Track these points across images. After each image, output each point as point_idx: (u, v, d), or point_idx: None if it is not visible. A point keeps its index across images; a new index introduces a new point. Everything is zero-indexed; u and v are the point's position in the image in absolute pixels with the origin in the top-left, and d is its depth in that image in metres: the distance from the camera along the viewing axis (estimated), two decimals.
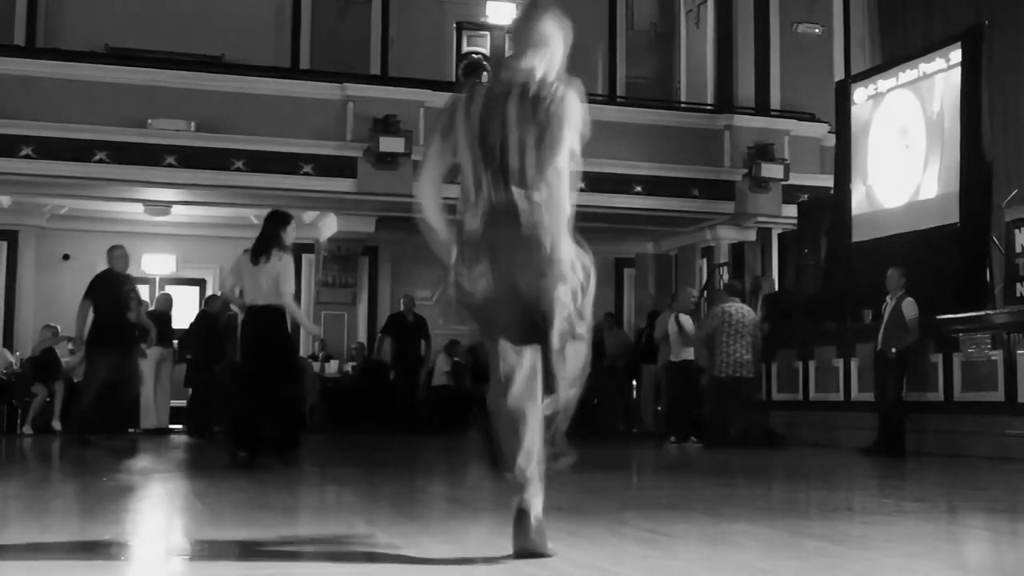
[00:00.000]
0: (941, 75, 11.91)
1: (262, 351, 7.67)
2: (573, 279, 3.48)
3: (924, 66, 12.24)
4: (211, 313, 13.27)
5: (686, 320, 11.60)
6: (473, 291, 3.51)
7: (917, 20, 15.50)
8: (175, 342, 13.40)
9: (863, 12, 16.44)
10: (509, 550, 3.36)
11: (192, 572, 3.28)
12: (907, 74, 12.53)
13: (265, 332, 7.66)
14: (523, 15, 3.71)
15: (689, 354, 11.58)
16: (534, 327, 3.47)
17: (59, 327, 13.66)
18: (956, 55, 11.65)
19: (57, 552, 3.59)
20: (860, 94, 13.30)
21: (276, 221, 7.87)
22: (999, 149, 12.73)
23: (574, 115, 3.49)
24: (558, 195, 3.43)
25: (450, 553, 3.58)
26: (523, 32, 3.63)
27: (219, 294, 13.96)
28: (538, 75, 3.54)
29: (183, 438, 12.17)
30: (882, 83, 12.96)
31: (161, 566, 3.49)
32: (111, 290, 10.11)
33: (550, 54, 3.59)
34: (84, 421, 10.15)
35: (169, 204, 14.64)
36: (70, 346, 13.72)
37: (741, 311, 11.35)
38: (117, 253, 10.51)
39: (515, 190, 3.45)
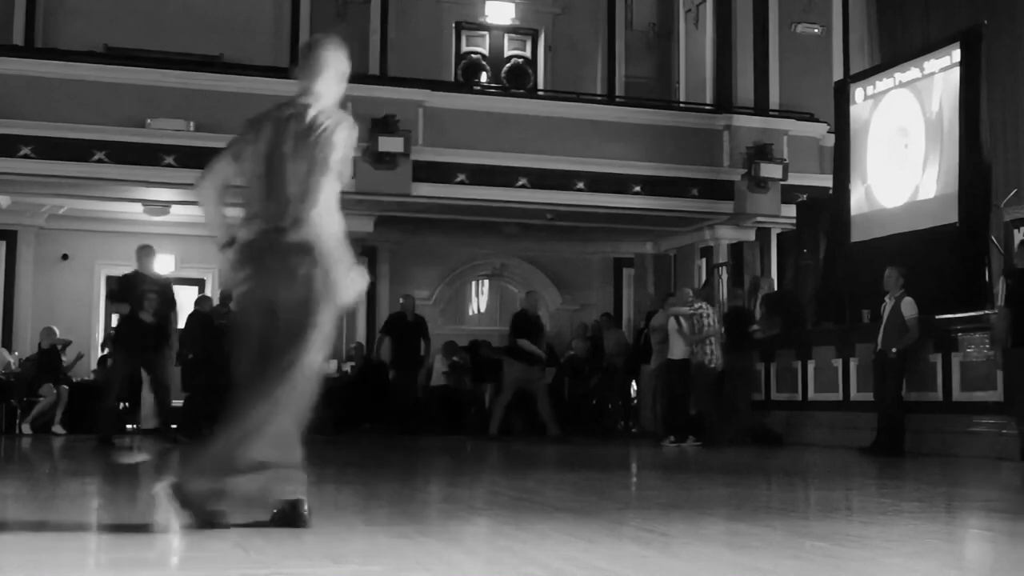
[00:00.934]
0: (940, 75, 11.92)
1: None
2: (341, 296, 3.98)
3: (923, 66, 12.25)
4: (203, 313, 13.27)
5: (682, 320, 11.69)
6: (236, 292, 4.11)
7: (916, 20, 15.50)
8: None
9: (862, 12, 16.44)
10: (511, 551, 3.34)
11: (192, 572, 3.28)
12: (906, 74, 12.54)
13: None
14: (307, 47, 4.28)
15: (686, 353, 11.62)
16: (283, 336, 3.90)
17: (57, 329, 13.66)
18: (955, 55, 11.66)
19: (55, 552, 3.59)
20: (859, 94, 13.31)
21: None
22: (998, 149, 12.74)
23: (343, 145, 4.04)
24: (326, 219, 3.96)
25: (450, 553, 3.58)
26: (307, 63, 4.18)
27: (209, 295, 13.98)
28: (318, 106, 4.09)
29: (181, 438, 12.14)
30: (881, 83, 12.97)
31: (160, 566, 3.48)
32: (131, 291, 10.19)
33: (330, 83, 4.16)
34: (106, 422, 10.24)
35: (168, 204, 14.63)
36: (64, 355, 13.66)
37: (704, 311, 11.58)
38: (140, 253, 10.60)
39: (288, 214, 3.95)
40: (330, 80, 4.17)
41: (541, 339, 12.91)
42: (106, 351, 14.39)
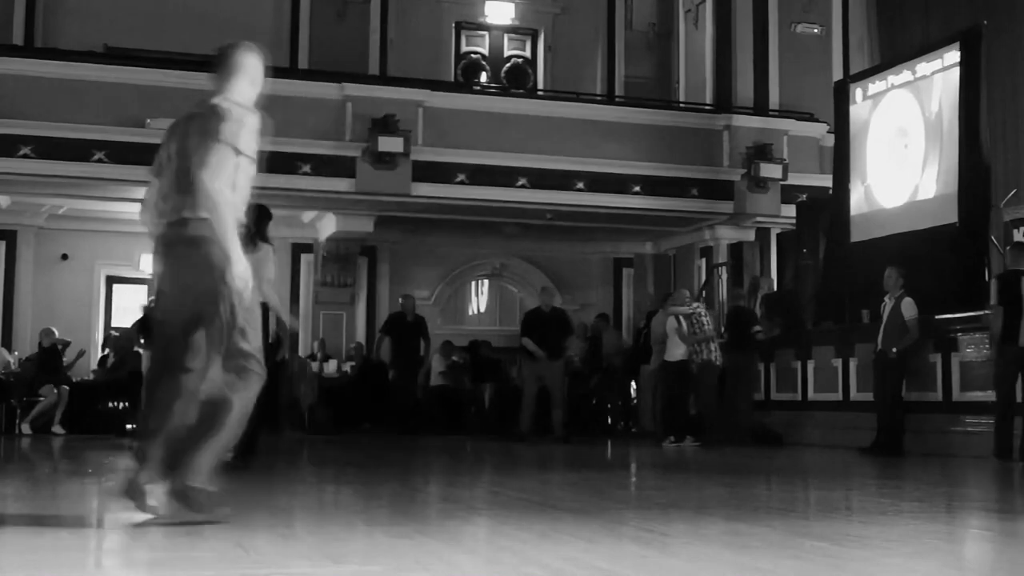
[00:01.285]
0: (939, 75, 11.92)
1: None
2: (241, 279, 4.07)
3: (923, 66, 12.25)
4: None
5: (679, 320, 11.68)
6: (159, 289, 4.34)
7: (916, 20, 15.51)
8: None
9: (862, 12, 16.44)
10: (511, 551, 3.34)
11: (192, 572, 3.27)
12: (906, 74, 12.55)
13: None
14: (223, 50, 4.43)
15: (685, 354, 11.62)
16: (199, 320, 4.14)
17: (56, 330, 13.66)
18: (954, 55, 11.66)
19: (55, 552, 3.59)
20: (859, 94, 13.31)
21: (258, 215, 7.86)
22: (998, 149, 12.75)
23: (230, 133, 4.10)
24: (214, 206, 4.05)
25: (450, 553, 3.58)
26: (221, 65, 4.36)
27: None
28: (223, 105, 4.19)
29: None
30: (881, 83, 12.98)
31: (160, 565, 3.48)
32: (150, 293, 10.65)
33: (242, 85, 4.34)
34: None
35: None
36: (64, 355, 13.65)
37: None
38: None
39: (183, 207, 4.13)
40: (242, 83, 4.36)
41: (558, 335, 12.66)
42: (106, 351, 14.41)
